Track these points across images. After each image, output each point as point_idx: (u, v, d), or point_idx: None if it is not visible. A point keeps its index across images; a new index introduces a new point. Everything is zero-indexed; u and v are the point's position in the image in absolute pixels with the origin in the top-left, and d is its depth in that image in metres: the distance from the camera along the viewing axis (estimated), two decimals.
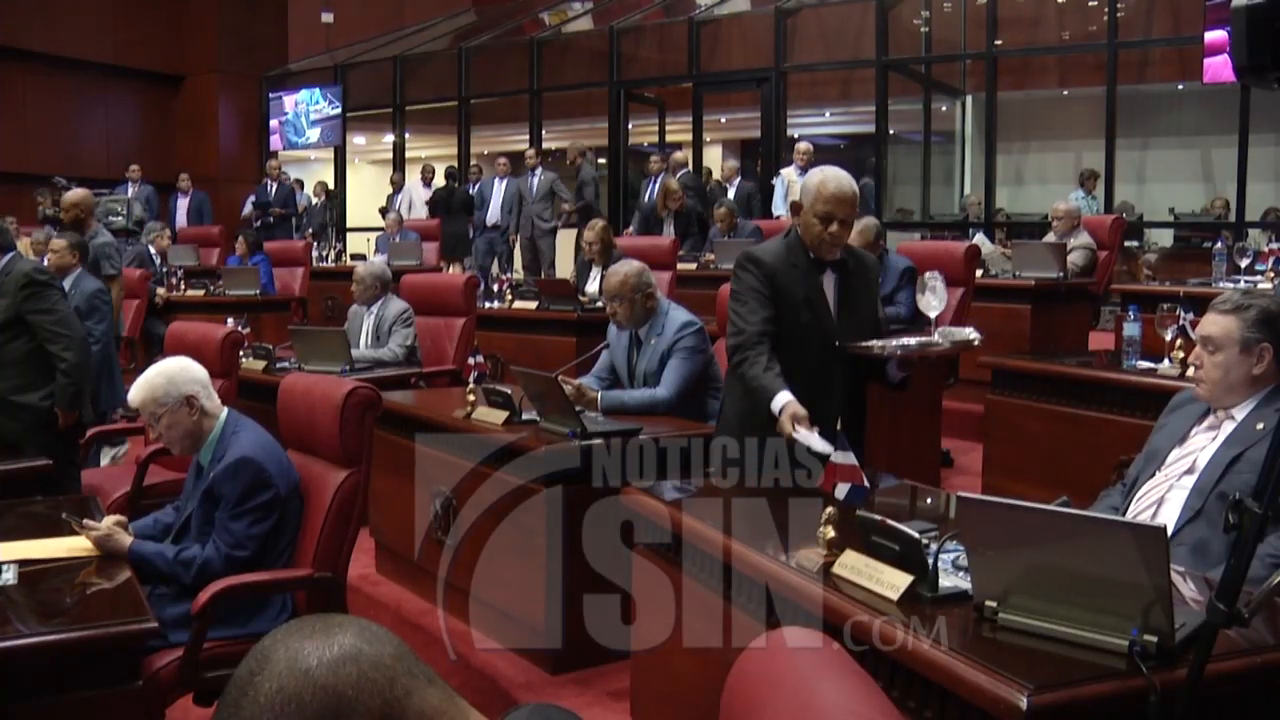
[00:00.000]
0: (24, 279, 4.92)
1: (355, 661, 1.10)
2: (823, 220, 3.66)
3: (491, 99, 16.16)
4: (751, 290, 3.71)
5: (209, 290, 10.00)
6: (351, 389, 3.54)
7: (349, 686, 1.08)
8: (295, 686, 1.07)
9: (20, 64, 14.93)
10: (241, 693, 1.08)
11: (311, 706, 1.06)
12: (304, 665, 1.08)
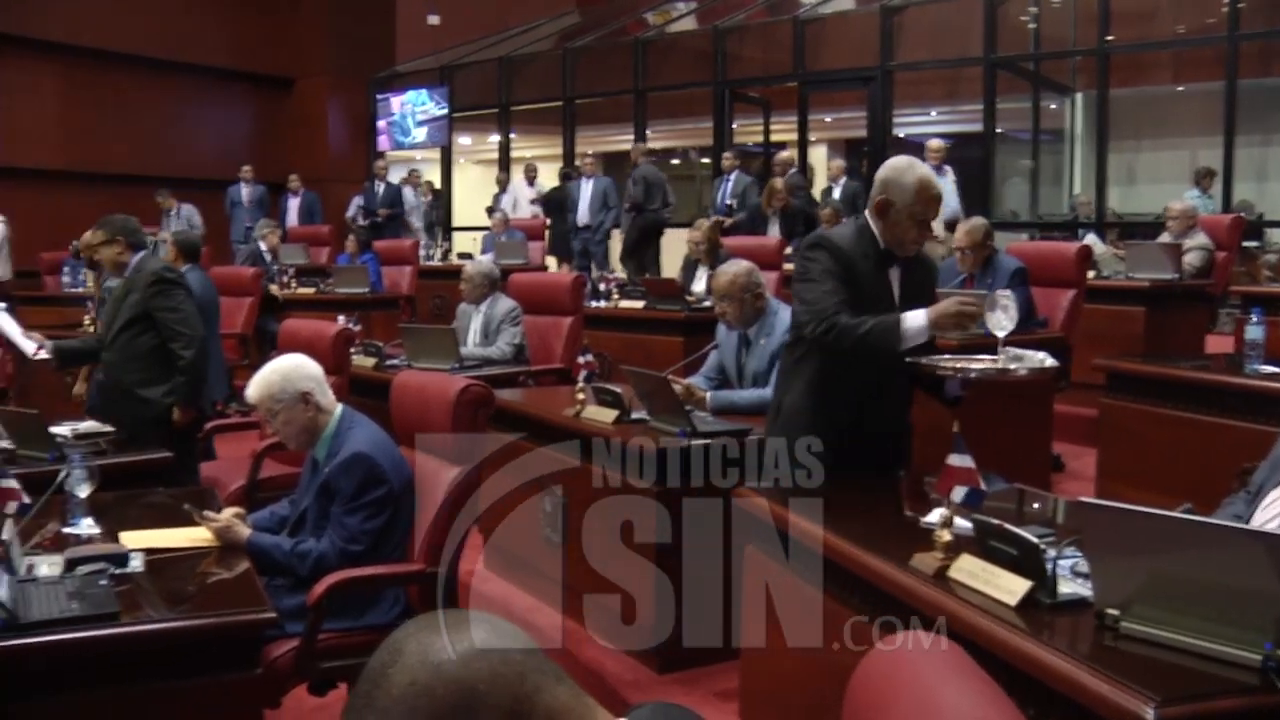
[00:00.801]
0: (153, 276, 5.08)
1: (486, 657, 1.11)
2: (918, 221, 3.52)
3: (595, 99, 16.21)
4: (826, 272, 3.51)
5: (319, 288, 10.18)
6: (465, 386, 3.58)
7: (480, 681, 1.09)
8: (427, 679, 1.08)
9: (137, 69, 15.32)
10: (374, 684, 1.10)
11: (443, 700, 1.08)
12: (436, 659, 1.10)
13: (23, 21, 14.15)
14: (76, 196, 14.03)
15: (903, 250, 3.58)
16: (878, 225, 3.57)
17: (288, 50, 16.91)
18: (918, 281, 3.68)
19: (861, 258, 3.55)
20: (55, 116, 14.82)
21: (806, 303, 3.50)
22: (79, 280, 10.90)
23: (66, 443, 4.70)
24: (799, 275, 3.60)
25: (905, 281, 3.64)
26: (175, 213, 13.64)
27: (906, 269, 3.64)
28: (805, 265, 3.57)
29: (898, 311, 3.49)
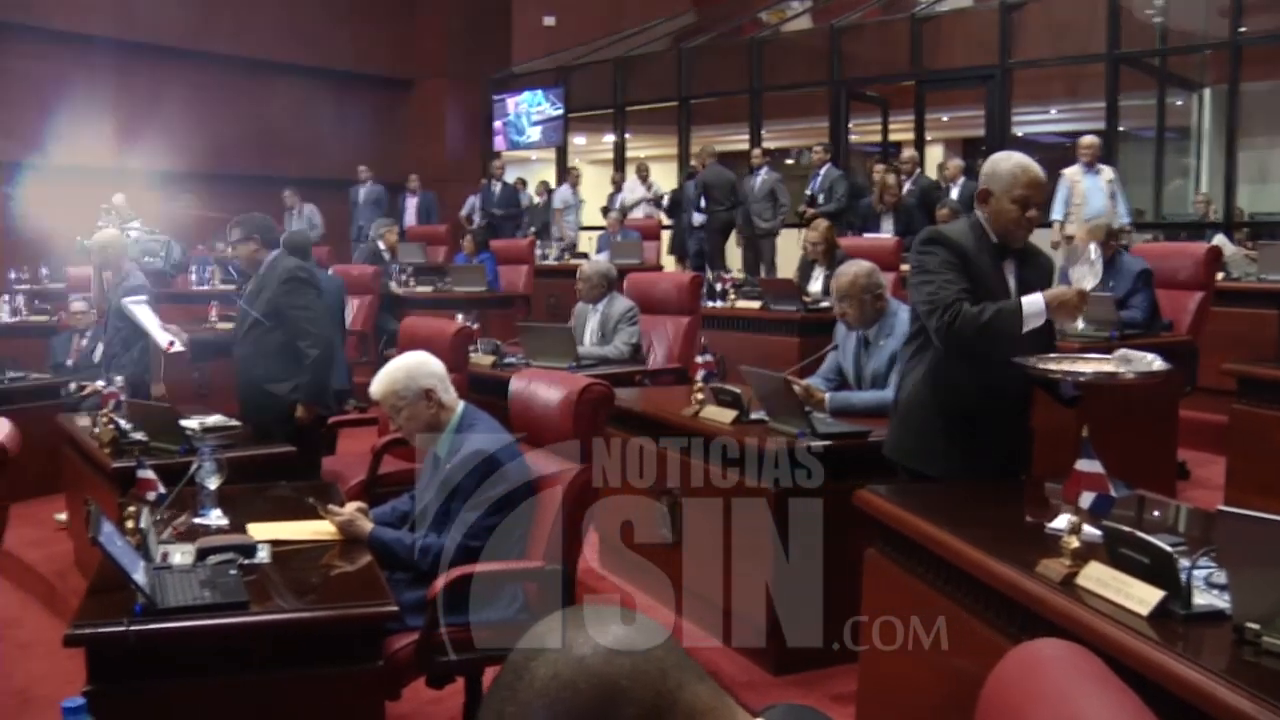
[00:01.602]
0: (286, 274, 5.20)
1: (630, 653, 1.10)
2: (1021, 205, 3.52)
3: (710, 99, 16.18)
4: (944, 263, 3.52)
5: (437, 286, 10.32)
6: (586, 385, 3.60)
7: (622, 676, 1.09)
8: (570, 673, 1.08)
9: (263, 73, 15.67)
10: (517, 676, 1.10)
11: (585, 694, 1.08)
12: (579, 653, 1.10)
13: (154, 30, 14.56)
14: (205, 197, 14.42)
15: (1012, 240, 3.59)
16: (985, 216, 3.60)
17: (407, 53, 17.17)
18: (1032, 279, 3.64)
19: (977, 252, 3.56)
20: (183, 119, 15.21)
21: (927, 295, 3.50)
22: (206, 278, 11.18)
23: (196, 436, 4.84)
24: (916, 270, 3.60)
25: (1021, 276, 3.62)
26: (298, 211, 13.94)
27: (1022, 263, 3.64)
28: (922, 259, 3.58)
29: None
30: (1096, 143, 10.01)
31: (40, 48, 13.81)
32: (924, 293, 3.51)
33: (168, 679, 2.79)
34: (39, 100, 13.82)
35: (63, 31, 13.89)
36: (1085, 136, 10.25)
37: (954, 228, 3.70)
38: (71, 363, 7.75)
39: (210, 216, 13.07)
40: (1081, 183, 9.64)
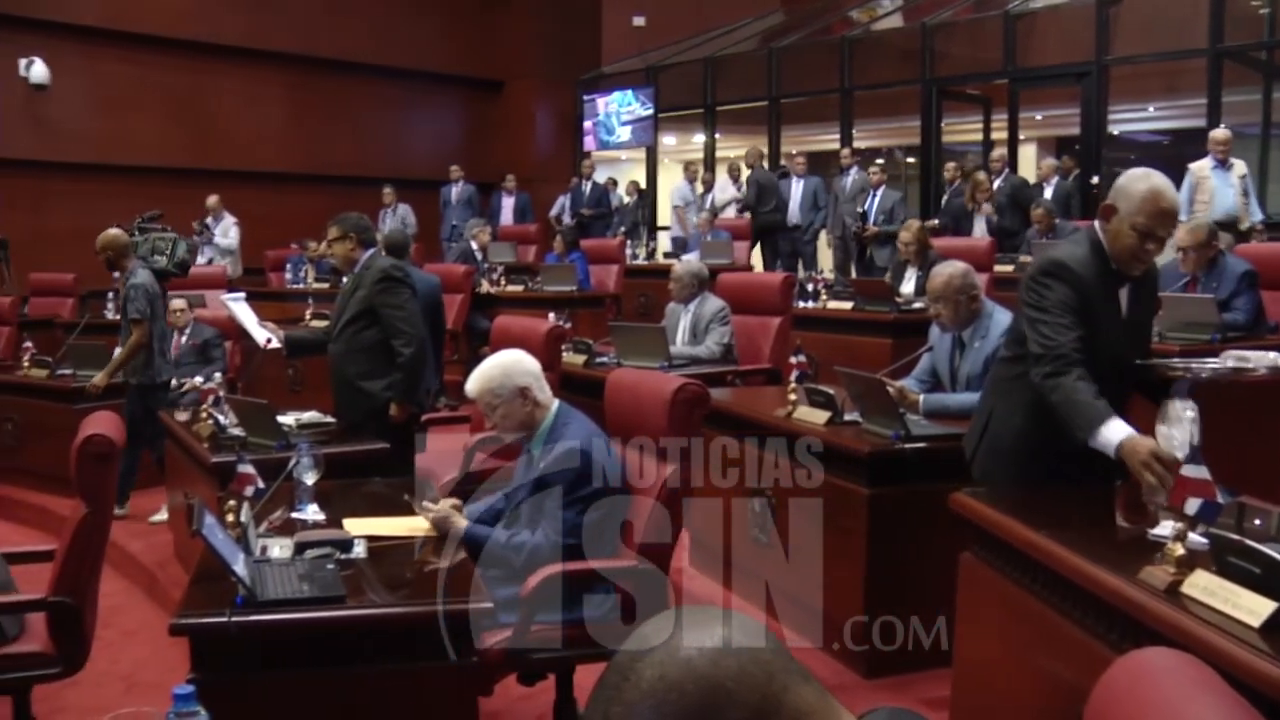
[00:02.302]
0: (381, 274, 5.26)
1: (735, 654, 1.10)
2: (1142, 235, 3.26)
3: (800, 98, 16.10)
4: (1063, 305, 3.28)
5: (528, 286, 10.38)
6: (681, 385, 3.59)
7: (728, 678, 1.08)
8: (677, 675, 1.08)
9: (357, 75, 15.89)
10: (623, 677, 1.10)
11: (692, 695, 1.07)
12: (685, 654, 1.09)
13: (253, 35, 14.84)
14: (299, 197, 14.67)
15: (1127, 268, 3.36)
16: (1104, 235, 3.37)
17: (498, 54, 17.30)
18: (1143, 298, 3.52)
19: (1096, 282, 3.35)
20: (281, 121, 15.50)
21: (1041, 337, 3.29)
22: (300, 277, 11.37)
23: (291, 432, 4.91)
24: (1033, 301, 3.36)
25: (1132, 297, 3.46)
26: (393, 210, 14.12)
27: (1135, 284, 3.45)
28: (1041, 293, 3.34)
29: (1123, 330, 3.41)
30: (1228, 136, 9.57)
31: (134, 51, 14.13)
32: (1038, 332, 3.30)
33: (267, 670, 2.84)
34: (136, 101, 14.16)
35: (154, 36, 14.20)
36: (1217, 130, 9.81)
37: (1077, 254, 3.40)
38: (171, 359, 7.90)
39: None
40: (1210, 179, 9.23)
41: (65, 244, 12.70)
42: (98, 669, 4.06)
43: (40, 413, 7.45)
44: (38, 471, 7.20)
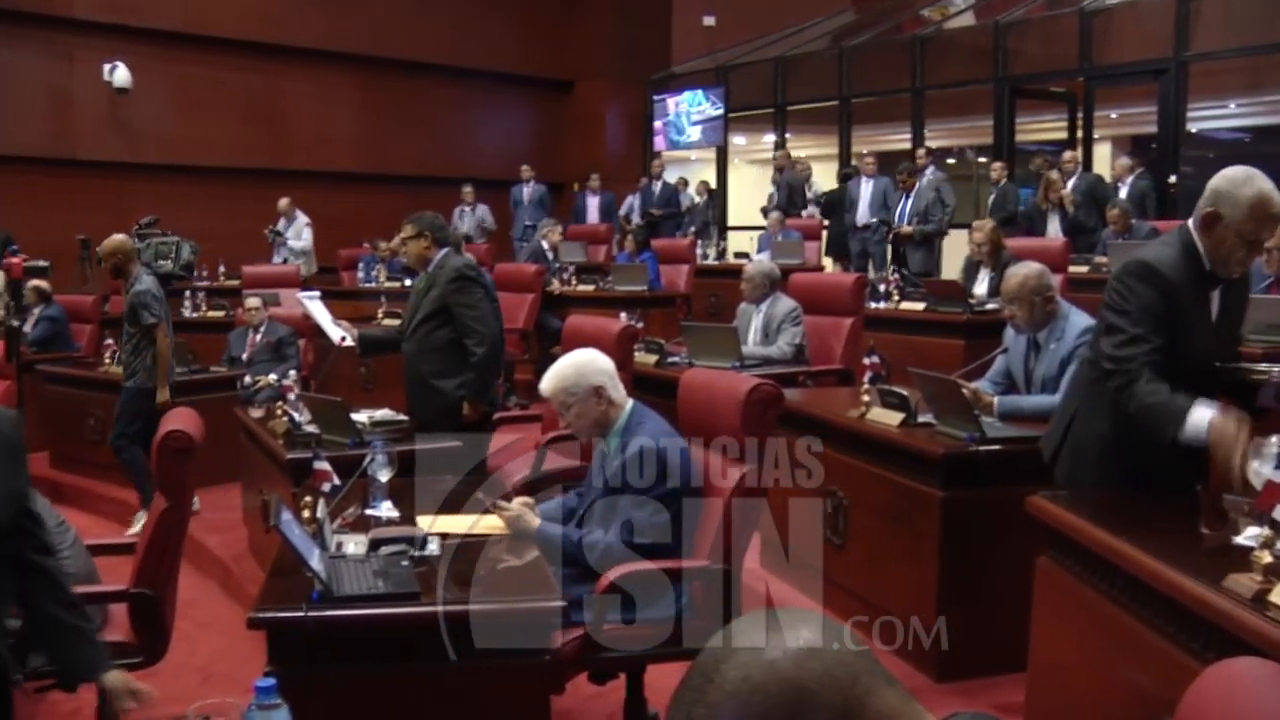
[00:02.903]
0: (455, 273, 5.29)
1: (819, 657, 1.09)
2: (1250, 242, 3.16)
3: (871, 98, 15.99)
4: (1145, 310, 3.18)
5: (599, 285, 10.40)
6: (755, 385, 3.58)
7: (813, 681, 1.08)
8: (761, 677, 1.07)
9: (427, 75, 16.02)
10: (706, 679, 1.10)
11: (776, 698, 1.07)
12: (769, 656, 1.09)
13: (327, 37, 15.01)
14: (370, 197, 14.82)
15: (1227, 271, 3.25)
16: (1203, 241, 3.23)
17: (568, 54, 17.37)
18: (1233, 303, 3.42)
19: (1187, 286, 3.24)
20: (353, 122, 15.66)
21: (1114, 345, 3.22)
22: (372, 276, 11.48)
23: (365, 429, 4.96)
24: (1115, 303, 3.26)
25: (1222, 301, 3.36)
26: (471, 209, 14.22)
27: (1225, 288, 3.35)
28: (1123, 294, 3.24)
29: (1213, 334, 3.32)
30: None
31: (211, 54, 14.35)
32: (1114, 339, 3.23)
33: (341, 664, 2.86)
34: (213, 103, 14.38)
35: (231, 39, 14.41)
36: None
37: (1167, 257, 3.28)
38: (246, 357, 8.02)
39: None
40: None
41: None
42: (175, 660, 4.12)
43: None
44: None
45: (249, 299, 8.29)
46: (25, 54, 13.16)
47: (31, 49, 13.20)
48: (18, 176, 12.76)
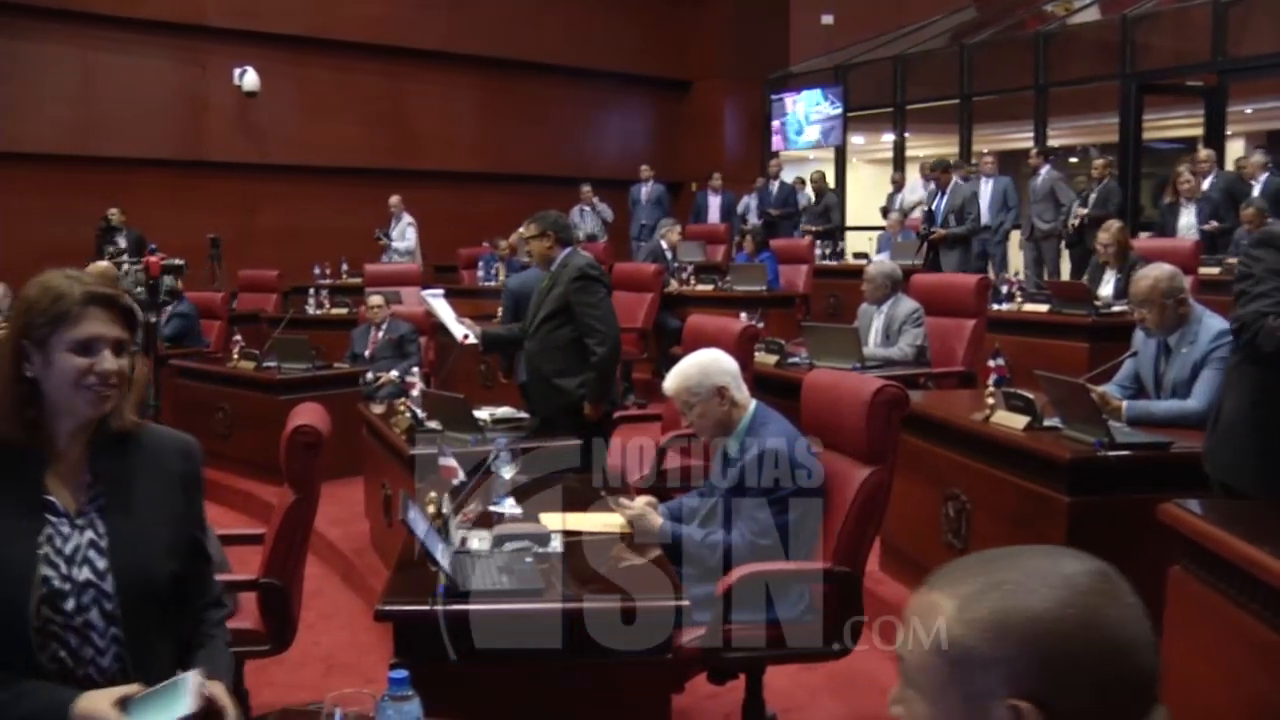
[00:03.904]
0: (577, 272, 5.32)
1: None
2: None
3: (992, 96, 15.72)
4: (1271, 271, 3.20)
5: (717, 285, 10.39)
6: (880, 387, 3.54)
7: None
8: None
9: (546, 76, 16.17)
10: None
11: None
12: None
13: (448, 39, 15.23)
14: (490, 196, 15.01)
15: None
16: None
17: (687, 54, 17.40)
18: None
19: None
20: (473, 122, 15.87)
21: (1243, 305, 3.25)
22: (492, 274, 11.61)
23: (488, 427, 5.02)
24: (1241, 274, 3.33)
25: None
26: (591, 208, 14.32)
27: None
28: (1249, 263, 3.30)
29: None
30: None
31: (336, 57, 14.65)
32: (1241, 303, 3.26)
33: (465, 658, 2.89)
34: (337, 105, 14.68)
35: (356, 42, 14.70)
36: None
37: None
38: (368, 354, 8.16)
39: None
40: None
41: (271, 242, 13.34)
42: (299, 649, 4.21)
43: (247, 403, 7.77)
44: (244, 459, 7.51)
45: (371, 297, 8.43)
46: (161, 61, 13.60)
47: (167, 56, 13.64)
48: (151, 178, 13.21)
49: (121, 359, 2.13)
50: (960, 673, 1.11)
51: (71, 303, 2.08)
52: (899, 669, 1.20)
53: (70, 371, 2.06)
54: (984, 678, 1.10)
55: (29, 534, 2.05)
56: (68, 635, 2.04)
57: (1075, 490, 3.89)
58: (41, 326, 2.07)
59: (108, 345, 2.10)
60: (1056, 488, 3.95)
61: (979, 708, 1.10)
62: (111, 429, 2.17)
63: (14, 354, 2.08)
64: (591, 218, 14.21)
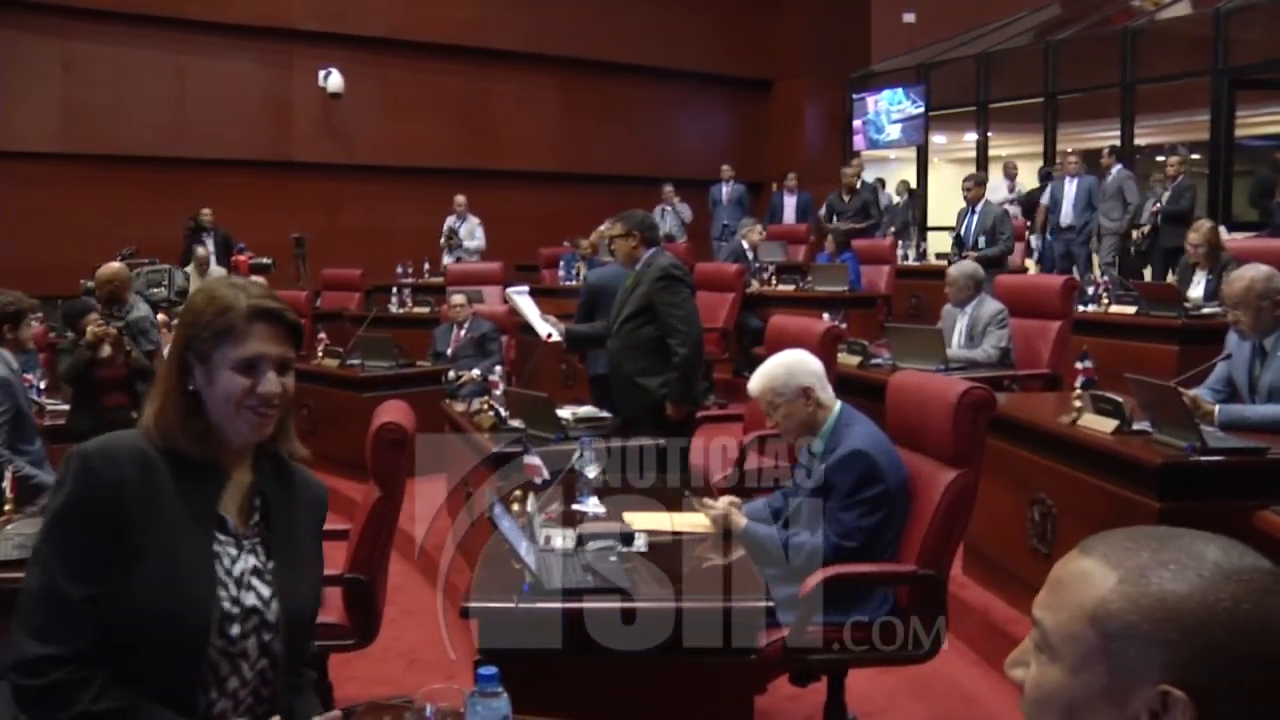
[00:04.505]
0: (661, 272, 5.32)
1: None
2: None
3: (1078, 94, 15.48)
4: None
5: (799, 285, 10.35)
6: (966, 389, 3.51)
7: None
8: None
9: (627, 76, 16.20)
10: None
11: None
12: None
13: (529, 39, 15.32)
14: (570, 196, 15.08)
15: None
16: None
17: (767, 53, 17.35)
18: None
19: None
20: (553, 122, 15.95)
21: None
22: (573, 274, 11.64)
23: (570, 425, 5.04)
24: None
25: None
26: (673, 208, 14.34)
27: None
28: None
29: None
30: None
31: (419, 59, 14.80)
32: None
33: (548, 656, 2.90)
34: (419, 106, 14.83)
35: (438, 44, 14.83)
36: None
37: None
38: (450, 352, 8.23)
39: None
40: None
41: (354, 242, 13.52)
42: (381, 644, 4.25)
43: (331, 400, 7.87)
44: (329, 455, 7.60)
45: (454, 295, 8.51)
46: (248, 64, 13.87)
47: (254, 59, 13.90)
48: (238, 179, 13.45)
49: (285, 378, 2.04)
50: (1114, 648, 1.07)
51: (237, 317, 1.98)
52: (1034, 631, 1.16)
53: (233, 391, 1.97)
54: (1139, 658, 1.06)
55: (206, 550, 1.97)
56: (221, 661, 1.96)
57: (1166, 495, 3.82)
58: (206, 340, 1.98)
59: (271, 364, 2.00)
60: (1146, 493, 3.89)
61: (1124, 687, 1.07)
62: (275, 452, 2.11)
63: (179, 365, 2.00)
64: (671, 217, 14.22)
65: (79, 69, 12.95)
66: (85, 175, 12.83)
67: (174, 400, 1.99)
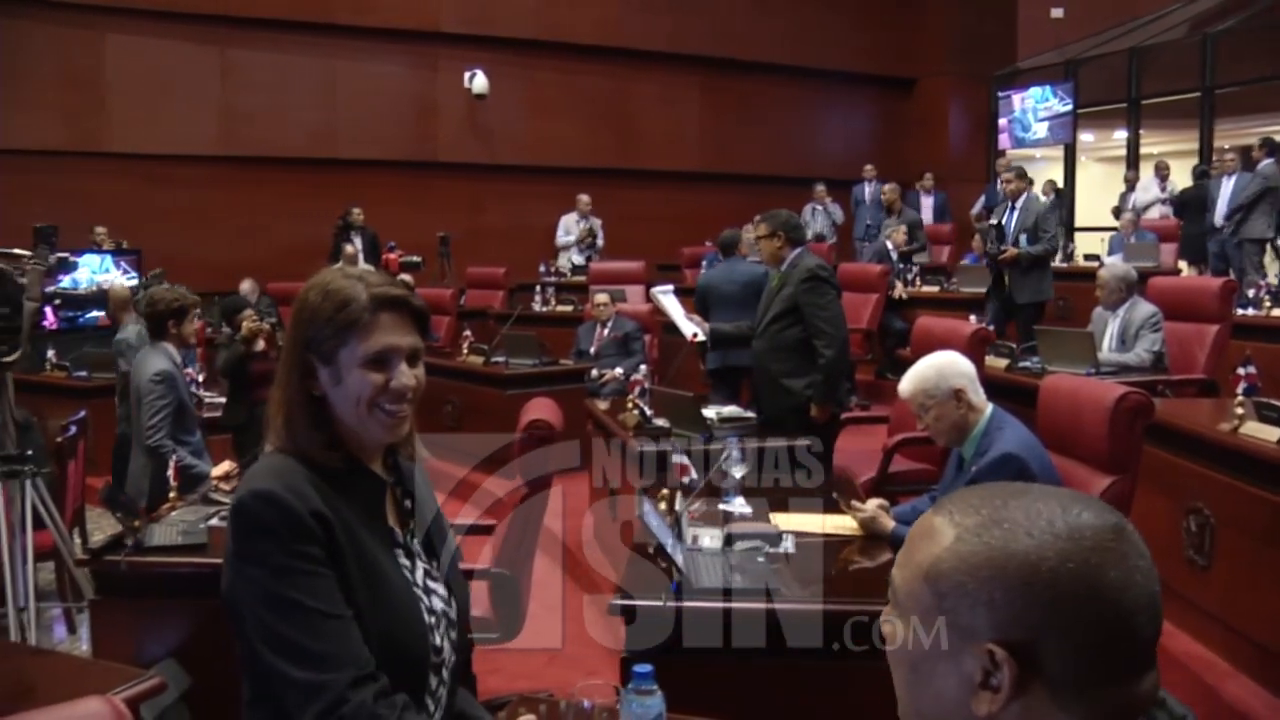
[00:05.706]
0: (808, 273, 5.31)
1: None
2: None
3: (1238, 88, 14.94)
4: None
5: (943, 287, 10.21)
6: (1124, 394, 3.44)
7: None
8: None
9: (768, 75, 16.11)
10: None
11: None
12: None
13: (671, 39, 15.37)
14: (712, 196, 15.09)
15: None
16: None
17: (910, 51, 17.11)
18: None
19: None
20: (695, 122, 15.96)
21: None
22: None
23: (714, 425, 5.05)
24: None
25: None
26: (824, 207, 14.27)
27: None
28: None
29: None
30: None
31: (562, 59, 14.94)
32: None
33: (694, 654, 2.92)
34: (563, 106, 14.98)
35: (581, 44, 14.96)
36: None
37: None
38: (593, 350, 8.31)
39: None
40: None
41: (498, 240, 13.72)
42: (523, 639, 4.31)
43: (475, 396, 7.99)
44: (472, 451, 7.72)
45: (597, 295, 8.58)
46: (397, 66, 14.16)
47: (403, 61, 14.19)
48: (386, 179, 13.75)
49: (416, 369, 1.87)
50: (946, 605, 1.07)
51: (360, 309, 1.81)
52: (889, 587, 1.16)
53: (366, 389, 1.81)
54: (969, 616, 1.05)
55: (399, 568, 1.88)
56: (430, 673, 1.89)
57: None
58: (328, 339, 1.82)
59: (402, 356, 1.84)
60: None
61: (958, 645, 1.06)
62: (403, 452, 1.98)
63: (300, 370, 1.85)
64: (822, 217, 14.15)
65: (236, 75, 13.37)
66: (241, 177, 13.25)
67: (301, 410, 1.85)
